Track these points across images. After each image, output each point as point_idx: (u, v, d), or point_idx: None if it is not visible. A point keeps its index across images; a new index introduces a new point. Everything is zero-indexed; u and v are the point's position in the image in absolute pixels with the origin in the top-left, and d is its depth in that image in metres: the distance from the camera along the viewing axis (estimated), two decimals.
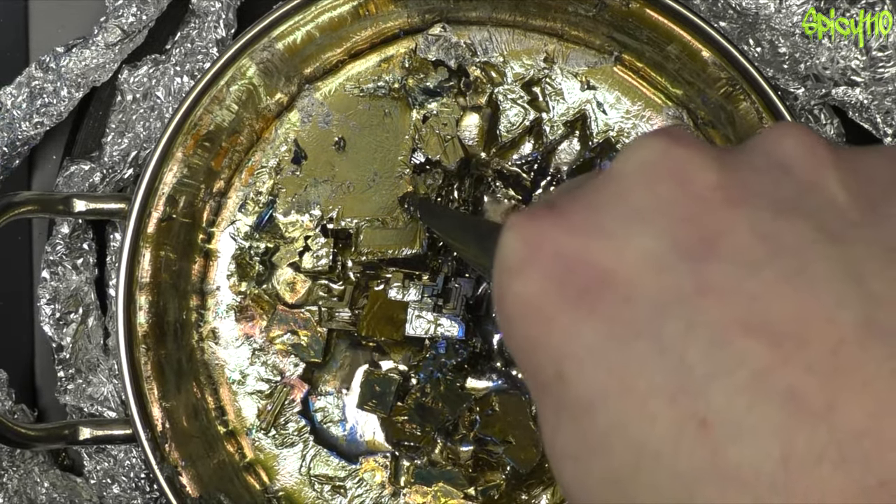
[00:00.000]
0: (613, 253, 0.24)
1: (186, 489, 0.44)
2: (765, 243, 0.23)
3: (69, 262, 0.47)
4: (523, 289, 0.25)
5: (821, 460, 0.21)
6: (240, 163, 0.47)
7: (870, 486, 0.21)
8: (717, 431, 0.22)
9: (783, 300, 0.23)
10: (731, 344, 0.23)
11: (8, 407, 0.47)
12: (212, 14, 0.47)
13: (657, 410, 0.23)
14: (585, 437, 0.24)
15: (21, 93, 0.46)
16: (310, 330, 0.47)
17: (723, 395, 0.22)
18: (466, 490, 0.46)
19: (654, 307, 0.23)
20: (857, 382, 0.22)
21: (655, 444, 0.23)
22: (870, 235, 0.23)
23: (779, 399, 0.22)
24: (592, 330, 0.24)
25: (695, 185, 0.24)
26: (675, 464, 0.23)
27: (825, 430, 0.22)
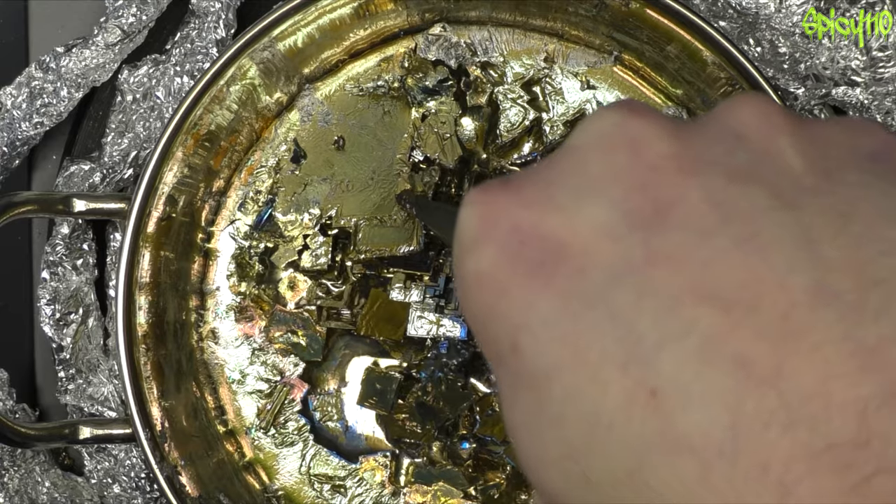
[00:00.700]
0: (567, 225, 0.24)
1: (186, 488, 0.44)
2: (717, 210, 0.23)
3: (69, 262, 0.47)
4: (479, 263, 0.25)
5: (768, 425, 0.21)
6: (239, 162, 0.47)
7: (817, 449, 0.21)
8: (666, 399, 0.22)
9: (734, 266, 0.23)
10: (681, 311, 0.22)
11: (9, 406, 0.47)
12: (212, 14, 0.47)
13: (609, 380, 0.23)
14: (540, 409, 0.24)
15: (21, 93, 0.46)
16: (309, 329, 0.47)
17: (672, 363, 0.22)
18: (466, 490, 0.46)
19: (606, 277, 0.23)
20: (806, 347, 0.22)
21: (607, 414, 0.23)
22: (824, 202, 0.23)
23: (728, 365, 0.22)
24: (546, 302, 0.24)
25: (648, 154, 0.24)
26: (626, 433, 0.23)
27: (773, 395, 0.22)
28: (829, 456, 0.21)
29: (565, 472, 0.24)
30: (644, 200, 0.24)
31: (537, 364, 0.24)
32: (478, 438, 0.46)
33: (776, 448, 0.21)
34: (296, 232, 0.47)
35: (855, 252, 0.23)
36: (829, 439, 0.21)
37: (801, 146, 0.24)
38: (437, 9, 0.47)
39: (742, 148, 0.24)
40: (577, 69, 0.47)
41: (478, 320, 0.26)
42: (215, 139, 0.46)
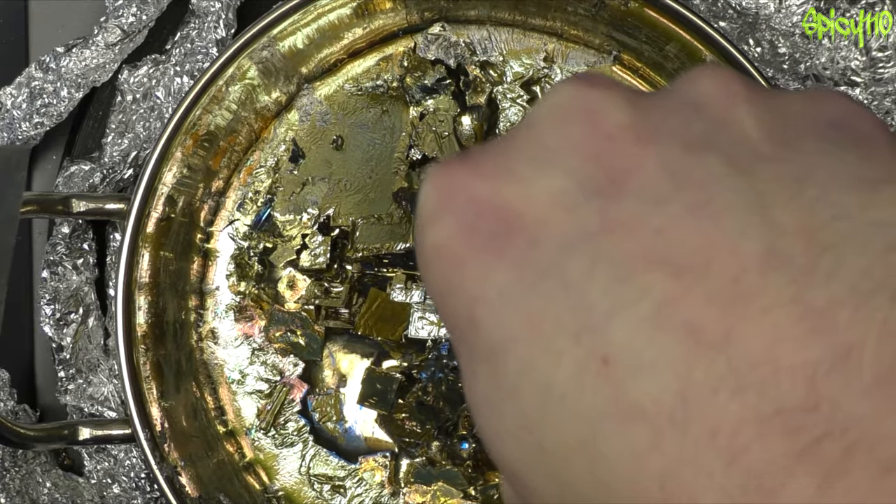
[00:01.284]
0: (522, 195, 0.24)
1: (186, 489, 0.44)
2: (671, 179, 0.23)
3: (69, 262, 0.47)
4: (436, 236, 0.25)
5: (717, 391, 0.21)
6: (238, 162, 0.48)
7: (765, 413, 0.21)
8: (618, 368, 0.22)
9: (687, 233, 0.23)
10: (633, 278, 0.22)
11: (10, 407, 0.47)
12: (212, 14, 0.47)
13: (562, 350, 0.23)
14: (497, 383, 0.24)
15: (21, 93, 0.46)
16: (308, 329, 0.47)
17: (623, 330, 0.22)
18: (466, 490, 0.46)
19: (560, 247, 0.23)
20: (755, 311, 0.22)
21: (561, 384, 0.23)
22: (779, 169, 0.23)
23: (678, 331, 0.22)
24: (502, 273, 0.24)
25: (605, 125, 0.24)
26: (579, 403, 0.23)
27: (723, 360, 0.22)
28: (778, 420, 0.21)
29: (522, 444, 0.24)
30: (599, 170, 0.24)
31: (493, 336, 0.24)
32: (478, 438, 0.46)
33: (725, 413, 0.21)
34: (294, 231, 0.47)
35: (808, 217, 0.22)
36: (777, 404, 0.21)
37: (759, 115, 0.24)
38: (437, 8, 0.47)
39: (700, 118, 0.24)
40: (577, 69, 0.47)
41: (437, 294, 0.26)
42: (214, 139, 0.46)
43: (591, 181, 0.24)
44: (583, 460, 0.23)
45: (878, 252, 0.22)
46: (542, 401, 0.23)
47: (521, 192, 0.24)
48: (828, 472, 0.21)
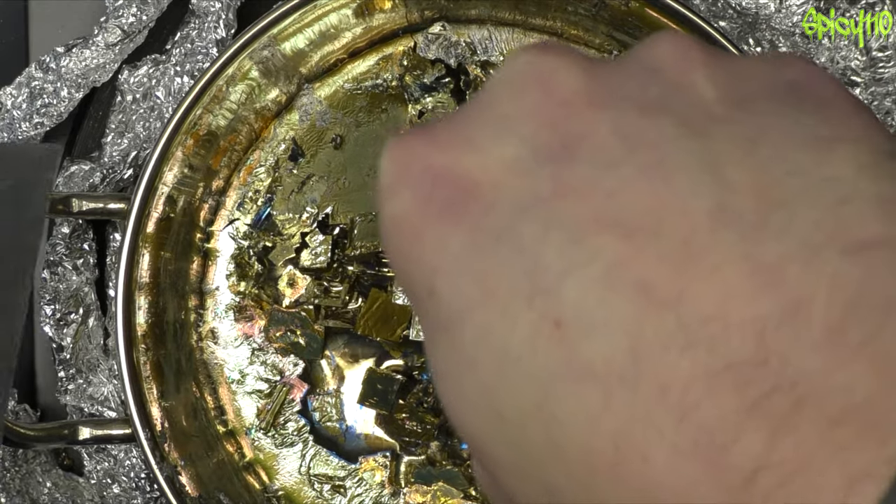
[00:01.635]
0: (478, 163, 0.24)
1: (186, 489, 0.44)
2: (624, 142, 0.23)
3: (69, 262, 0.47)
4: (394, 208, 0.25)
5: (667, 348, 0.21)
6: (238, 162, 0.48)
7: (715, 369, 0.21)
8: (570, 329, 0.22)
9: (638, 194, 0.23)
10: (585, 240, 0.22)
11: (10, 407, 0.47)
12: (212, 14, 0.47)
13: (516, 314, 0.23)
14: (456, 352, 0.24)
15: (21, 93, 0.46)
16: (308, 329, 0.47)
17: (575, 291, 0.22)
18: (466, 490, 0.46)
19: (513, 212, 0.23)
20: (705, 269, 0.22)
21: (516, 348, 0.23)
22: (734, 129, 0.23)
23: (629, 291, 0.22)
24: (458, 241, 0.24)
25: (560, 91, 0.24)
26: (533, 366, 0.23)
27: (673, 317, 0.21)
28: (728, 376, 0.21)
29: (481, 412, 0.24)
30: (553, 136, 0.24)
31: (451, 305, 0.24)
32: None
33: (675, 370, 0.21)
34: (294, 230, 0.47)
35: (760, 174, 0.22)
36: (727, 359, 0.21)
37: (716, 78, 0.24)
38: (437, 7, 0.47)
39: (656, 82, 0.24)
40: None
41: (397, 266, 0.26)
42: (215, 139, 0.46)
43: (545, 147, 0.24)
44: (538, 425, 0.23)
45: (829, 206, 0.22)
46: (498, 366, 0.23)
47: (476, 161, 0.24)
48: (777, 427, 0.21)
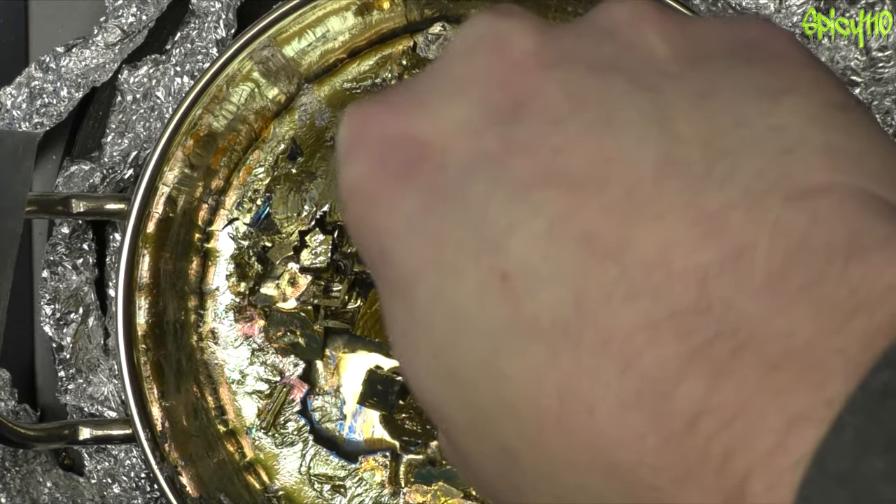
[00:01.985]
0: (430, 126, 0.24)
1: (186, 489, 0.44)
2: (572, 100, 0.23)
3: (69, 262, 0.47)
4: (350, 174, 0.25)
5: (610, 298, 0.21)
6: (238, 162, 0.48)
7: (658, 317, 0.21)
8: (516, 284, 0.22)
9: (584, 149, 0.23)
10: (530, 196, 0.22)
11: (11, 407, 0.47)
12: (212, 14, 0.47)
13: (465, 272, 0.23)
14: (411, 314, 0.24)
15: (21, 93, 0.46)
16: (308, 329, 0.47)
17: (521, 246, 0.22)
18: (466, 489, 0.46)
19: (462, 172, 0.24)
20: (649, 218, 0.22)
21: (465, 306, 0.23)
22: (685, 85, 0.23)
23: (574, 244, 0.22)
24: (409, 203, 0.24)
25: (512, 52, 0.24)
26: (482, 322, 0.23)
27: (616, 268, 0.22)
28: (671, 323, 0.21)
29: (436, 374, 0.24)
30: (503, 96, 0.24)
31: (405, 267, 0.24)
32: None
33: (618, 320, 0.21)
34: (292, 228, 0.47)
35: (707, 125, 0.22)
36: (670, 308, 0.21)
37: (669, 37, 0.24)
38: (437, 7, 0.47)
39: (609, 42, 0.24)
40: None
41: (354, 233, 0.26)
42: (215, 139, 0.46)
43: (495, 108, 0.24)
44: (488, 382, 0.23)
45: (773, 155, 0.22)
46: (450, 326, 0.23)
47: (428, 123, 0.25)
48: (717, 372, 0.21)
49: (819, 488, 0.19)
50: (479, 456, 0.25)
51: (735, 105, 0.23)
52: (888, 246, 0.21)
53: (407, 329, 0.25)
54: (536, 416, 0.22)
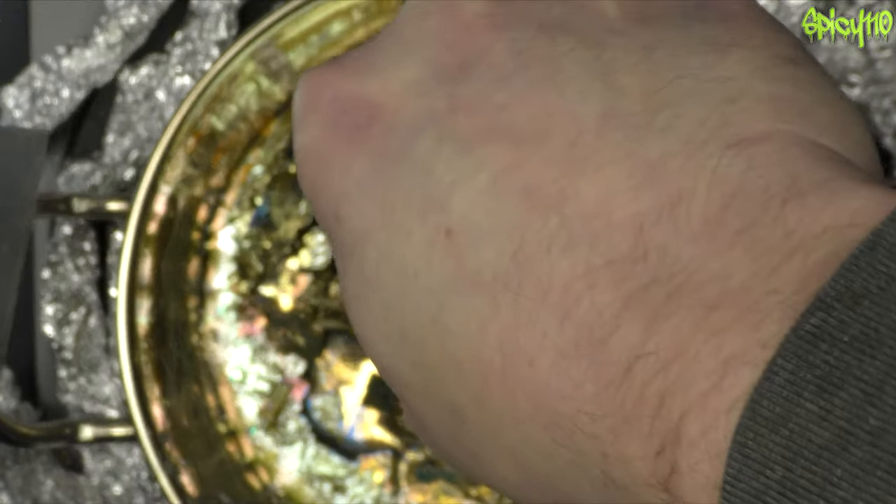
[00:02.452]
0: (381, 87, 0.25)
1: (187, 488, 0.44)
2: (518, 58, 0.23)
3: (70, 262, 0.47)
4: (304, 138, 0.26)
5: (550, 249, 0.22)
6: (238, 161, 0.48)
7: (595, 265, 0.21)
8: (460, 240, 0.23)
9: (528, 105, 0.23)
10: (473, 151, 0.23)
11: (12, 406, 0.47)
12: (212, 14, 0.47)
13: (412, 230, 0.23)
14: (362, 276, 0.24)
15: (22, 93, 0.46)
16: (308, 328, 0.47)
17: (464, 201, 0.23)
18: (467, 489, 0.47)
19: (411, 132, 0.24)
20: (590, 169, 0.22)
21: (412, 264, 0.23)
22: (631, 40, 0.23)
23: (515, 197, 0.22)
24: (360, 165, 0.24)
25: (463, 14, 0.25)
26: (428, 280, 0.23)
27: (556, 218, 0.22)
28: (607, 271, 0.21)
29: (387, 335, 0.24)
30: (452, 57, 0.24)
31: (356, 228, 0.24)
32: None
33: (556, 270, 0.21)
34: (291, 226, 0.47)
35: (651, 78, 0.23)
36: (607, 256, 0.21)
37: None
38: None
39: (560, 3, 0.24)
40: None
41: (310, 197, 0.26)
42: (216, 138, 0.46)
43: (444, 68, 0.24)
44: (435, 340, 0.23)
45: (716, 104, 0.22)
46: (399, 285, 0.23)
47: (379, 85, 0.25)
48: (653, 316, 0.21)
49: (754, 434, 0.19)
50: (433, 419, 0.25)
51: (680, 58, 0.23)
52: (827, 188, 0.21)
53: (359, 291, 0.25)
54: (480, 370, 0.22)
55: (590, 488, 0.22)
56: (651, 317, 0.21)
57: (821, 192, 0.21)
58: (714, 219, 0.21)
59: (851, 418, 0.19)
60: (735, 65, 0.23)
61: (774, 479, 0.19)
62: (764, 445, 0.19)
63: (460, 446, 0.25)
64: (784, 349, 0.19)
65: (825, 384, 0.19)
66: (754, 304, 0.20)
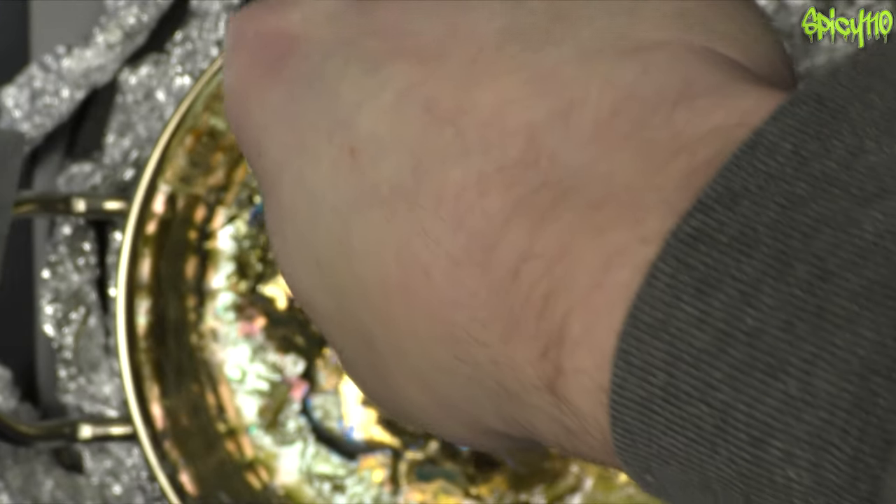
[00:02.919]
0: (300, 19, 0.25)
1: (186, 487, 0.44)
2: None
3: (70, 262, 0.47)
4: (229, 76, 0.26)
5: (445, 159, 0.22)
6: (238, 160, 0.48)
7: (487, 173, 0.21)
8: (363, 156, 0.23)
9: (434, 25, 0.23)
10: (379, 70, 0.23)
11: (12, 406, 0.47)
12: (212, 15, 0.47)
13: (320, 152, 0.23)
14: (280, 205, 0.25)
15: (22, 93, 0.46)
16: (308, 328, 0.47)
17: (368, 119, 0.23)
18: (467, 488, 0.47)
19: (323, 58, 0.24)
20: (487, 80, 0.22)
21: (321, 186, 0.23)
22: None
23: (416, 112, 0.22)
24: (277, 95, 0.25)
25: None
26: (335, 200, 0.23)
27: (452, 130, 0.22)
28: (498, 177, 0.21)
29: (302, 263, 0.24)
30: None
31: (274, 159, 0.25)
32: None
33: (450, 180, 0.22)
34: None
35: None
36: (499, 162, 0.21)
37: None
38: None
39: None
40: None
41: (237, 136, 0.26)
42: (215, 137, 0.46)
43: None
44: (343, 261, 0.23)
45: (615, 16, 0.22)
46: (311, 209, 0.24)
47: (299, 17, 0.25)
48: (540, 219, 0.21)
49: (636, 340, 0.19)
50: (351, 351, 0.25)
51: None
52: (719, 92, 0.21)
53: (278, 225, 0.25)
54: (381, 288, 0.23)
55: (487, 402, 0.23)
56: (538, 219, 0.21)
57: (713, 96, 0.21)
58: (605, 123, 0.21)
59: (729, 320, 0.19)
60: None
61: (658, 385, 0.19)
62: (646, 352, 0.19)
63: (377, 376, 0.25)
64: (664, 253, 0.19)
65: (703, 286, 0.19)
66: (636, 201, 0.20)
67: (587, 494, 0.47)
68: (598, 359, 0.20)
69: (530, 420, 0.22)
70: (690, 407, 0.19)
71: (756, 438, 0.18)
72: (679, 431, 0.19)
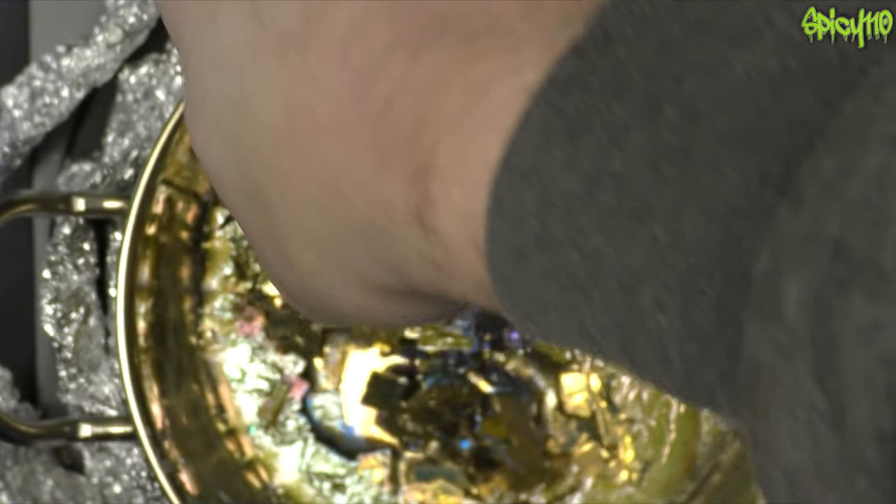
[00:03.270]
0: None
1: (186, 486, 0.44)
2: None
3: (70, 261, 0.47)
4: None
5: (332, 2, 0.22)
6: None
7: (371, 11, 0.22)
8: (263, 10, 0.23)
9: None
10: None
11: (12, 406, 0.47)
12: None
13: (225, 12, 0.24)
14: (195, 86, 0.25)
15: (22, 93, 0.46)
16: (307, 328, 0.47)
17: None
18: (467, 488, 0.47)
19: None
20: None
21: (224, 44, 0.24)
22: None
23: None
24: None
25: None
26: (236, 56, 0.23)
27: None
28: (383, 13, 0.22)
29: (216, 141, 0.25)
30: None
31: (187, 36, 0.25)
32: (478, 438, 0.46)
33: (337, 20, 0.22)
34: None
35: None
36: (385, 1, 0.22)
37: None
38: None
39: None
40: None
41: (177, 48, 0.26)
42: None
43: None
44: (240, 118, 0.23)
45: None
46: (216, 72, 0.24)
47: None
48: (418, 51, 0.21)
49: (509, 187, 0.19)
50: (252, 224, 0.25)
51: None
52: None
53: (195, 108, 0.25)
54: (272, 136, 0.23)
55: (363, 246, 0.23)
56: (416, 51, 0.21)
57: None
58: None
59: (597, 163, 0.18)
60: None
61: (531, 232, 0.19)
62: (518, 198, 0.19)
63: (277, 252, 0.25)
64: (538, 97, 0.19)
65: (573, 130, 0.19)
66: (511, 32, 0.20)
67: (587, 494, 0.47)
68: (466, 187, 0.20)
69: (401, 260, 0.22)
70: (563, 254, 0.19)
71: (627, 285, 0.18)
72: (553, 279, 0.19)
